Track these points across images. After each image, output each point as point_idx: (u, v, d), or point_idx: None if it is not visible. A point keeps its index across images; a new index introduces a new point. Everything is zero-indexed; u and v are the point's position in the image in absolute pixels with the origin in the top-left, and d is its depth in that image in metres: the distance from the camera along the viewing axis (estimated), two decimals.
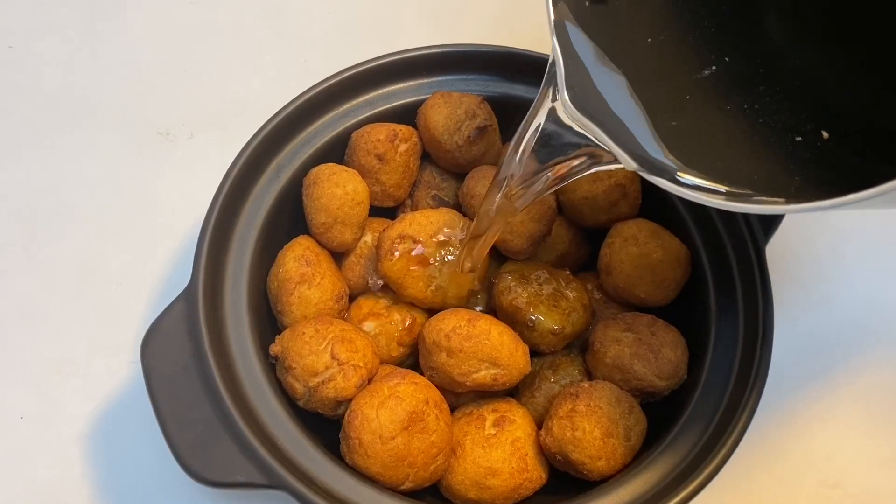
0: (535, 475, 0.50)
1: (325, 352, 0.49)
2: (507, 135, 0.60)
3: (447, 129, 0.56)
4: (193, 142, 0.72)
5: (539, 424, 0.52)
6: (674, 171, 0.37)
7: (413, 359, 0.56)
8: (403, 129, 0.57)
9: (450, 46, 0.59)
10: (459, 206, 0.58)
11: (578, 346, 0.57)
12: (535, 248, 0.57)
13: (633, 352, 0.52)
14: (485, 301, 0.57)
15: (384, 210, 0.60)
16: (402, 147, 0.57)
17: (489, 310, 0.56)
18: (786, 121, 0.41)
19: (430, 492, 0.51)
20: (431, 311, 0.54)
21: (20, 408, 0.60)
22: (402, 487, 0.48)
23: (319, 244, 0.55)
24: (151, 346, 0.48)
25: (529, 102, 0.56)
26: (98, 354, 0.62)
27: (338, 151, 0.58)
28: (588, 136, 0.40)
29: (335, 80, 0.57)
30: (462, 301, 0.55)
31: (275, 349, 0.50)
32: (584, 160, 0.41)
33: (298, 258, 0.53)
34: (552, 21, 0.41)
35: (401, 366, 0.55)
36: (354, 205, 0.54)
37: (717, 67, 0.43)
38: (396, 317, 0.55)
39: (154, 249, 0.66)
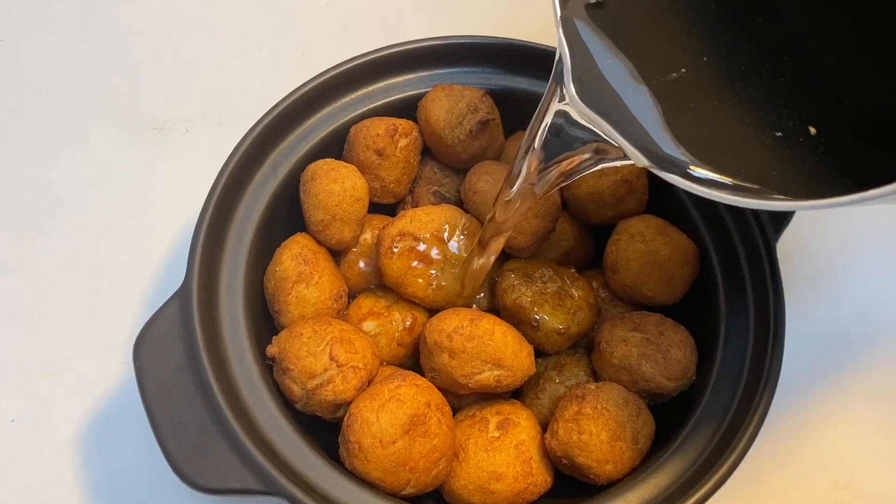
0: (540, 479, 0.50)
1: (324, 353, 0.48)
2: (510, 129, 0.60)
3: (448, 124, 0.56)
4: (188, 137, 0.71)
5: (544, 427, 0.51)
6: (685, 167, 0.36)
7: (414, 359, 0.55)
8: (403, 124, 0.56)
9: (451, 38, 0.59)
10: (461, 203, 0.58)
11: (584, 347, 0.56)
12: (539, 246, 0.56)
13: (641, 352, 0.51)
14: (487, 300, 0.57)
15: (384, 207, 0.59)
16: (402, 142, 0.56)
17: (492, 309, 0.56)
18: (799, 114, 0.40)
19: (433, 497, 0.50)
20: (433, 311, 0.54)
21: (10, 411, 0.59)
22: (404, 493, 0.47)
23: (317, 242, 0.55)
24: (144, 348, 0.48)
25: (533, 95, 0.58)
26: (90, 355, 0.61)
27: (336, 147, 0.58)
28: (596, 132, 0.39)
29: (333, 74, 0.56)
30: (468, 298, 0.55)
31: (272, 350, 0.50)
32: (591, 156, 0.41)
33: (296, 256, 0.52)
34: (558, 14, 0.40)
35: (401, 367, 0.54)
36: (353, 201, 0.54)
37: (728, 59, 0.42)
38: (397, 316, 0.54)
39: (148, 247, 0.66)
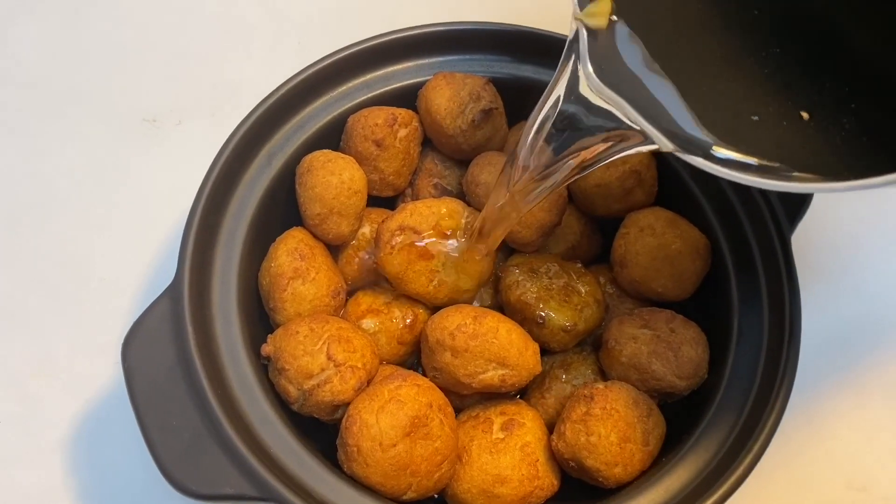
0: (547, 482, 0.49)
1: (321, 352, 0.48)
2: (514, 118, 0.60)
3: (450, 113, 0.55)
4: (182, 129, 0.71)
5: (550, 428, 0.51)
6: (708, 147, 0.36)
7: (415, 358, 0.55)
8: (403, 113, 0.56)
9: (452, 24, 0.58)
10: (463, 195, 0.57)
11: (591, 344, 0.56)
12: (545, 240, 0.56)
13: (651, 350, 0.51)
14: (491, 296, 0.56)
15: (383, 200, 0.59)
16: (402, 132, 0.56)
17: (496, 306, 0.55)
18: (825, 92, 0.40)
19: (435, 501, 0.50)
20: (434, 308, 0.53)
21: None
22: (405, 498, 0.47)
23: (314, 236, 0.54)
24: (133, 348, 0.47)
25: (538, 83, 0.58)
26: (81, 354, 0.61)
27: (333, 137, 0.57)
28: (614, 114, 0.38)
29: (330, 61, 0.56)
30: (471, 294, 0.54)
31: (267, 349, 0.49)
32: (610, 143, 0.40)
33: (292, 252, 0.52)
34: None
35: (402, 366, 0.54)
36: (351, 194, 0.53)
37: (749, 36, 0.41)
38: (397, 313, 0.54)
39: (140, 242, 0.65)
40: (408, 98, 0.57)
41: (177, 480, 0.44)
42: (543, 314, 0.52)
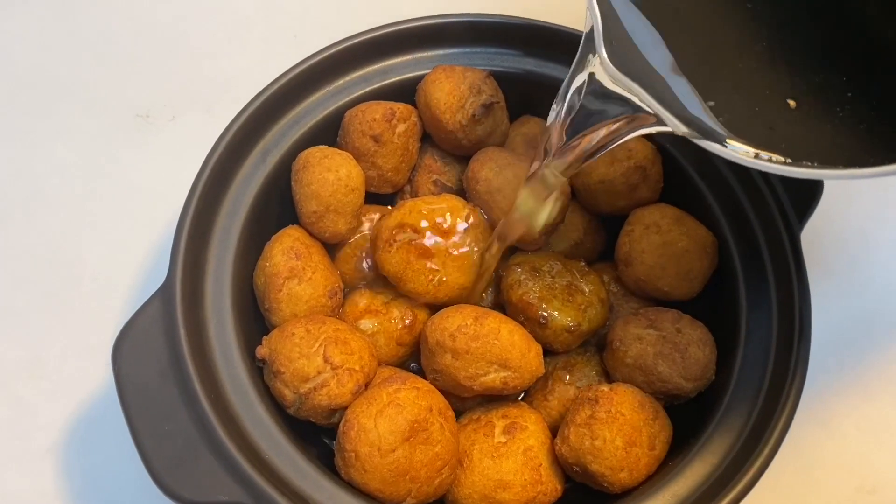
0: (550, 487, 0.49)
1: (318, 354, 0.47)
2: (516, 113, 0.60)
3: (450, 107, 0.55)
4: (175, 124, 0.70)
5: (553, 431, 0.51)
6: (723, 138, 0.36)
7: (414, 359, 0.55)
8: (401, 108, 0.56)
9: (452, 16, 0.58)
10: (463, 192, 0.57)
11: (595, 345, 0.56)
12: (547, 238, 0.55)
13: (657, 351, 0.50)
14: (492, 296, 0.56)
15: (381, 197, 0.59)
16: (401, 127, 0.55)
17: (497, 306, 0.55)
18: (838, 80, 0.39)
19: None
20: (434, 308, 0.53)
21: None
22: None
23: (310, 235, 0.54)
24: (124, 351, 0.47)
25: (540, 77, 0.58)
26: (72, 356, 0.61)
27: (330, 133, 0.57)
28: (629, 100, 0.39)
29: (327, 54, 0.55)
30: (479, 294, 0.54)
31: (262, 352, 0.49)
32: (624, 124, 0.41)
33: (287, 251, 0.52)
34: None
35: (401, 367, 0.54)
36: (348, 191, 0.53)
37: (761, 21, 0.41)
38: (396, 313, 0.53)
39: (133, 241, 0.65)
40: (406, 92, 0.57)
41: (169, 487, 0.44)
42: (546, 314, 0.51)
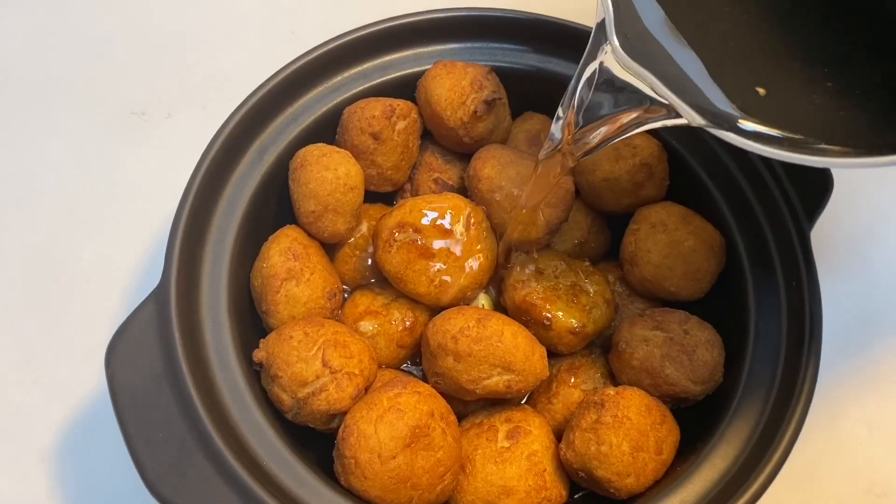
0: (555, 493, 0.48)
1: (316, 358, 0.47)
2: (518, 110, 0.60)
3: (450, 103, 0.55)
4: (171, 122, 0.70)
5: (558, 435, 0.50)
6: (735, 120, 0.35)
7: (415, 360, 0.54)
8: (401, 105, 0.55)
9: (453, 10, 0.57)
10: (464, 191, 0.56)
11: (600, 347, 0.56)
12: (551, 237, 0.55)
13: (664, 353, 0.50)
14: (494, 297, 0.55)
15: (381, 196, 0.59)
16: (400, 124, 0.55)
17: (499, 307, 0.55)
18: (856, 63, 0.39)
19: None
20: (435, 310, 0.53)
21: None
22: None
23: (308, 235, 0.54)
24: (117, 355, 0.46)
25: (543, 73, 0.58)
26: (66, 359, 0.60)
27: (328, 130, 0.57)
28: (641, 89, 0.38)
29: (325, 50, 0.55)
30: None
31: (259, 355, 0.49)
32: (636, 115, 0.40)
33: (285, 251, 0.51)
34: None
35: (401, 370, 0.54)
36: (347, 190, 0.52)
37: (775, 6, 0.40)
38: (396, 315, 0.53)
39: (128, 242, 0.65)
40: (406, 88, 0.57)
41: (163, 495, 0.43)
42: (550, 315, 0.51)
